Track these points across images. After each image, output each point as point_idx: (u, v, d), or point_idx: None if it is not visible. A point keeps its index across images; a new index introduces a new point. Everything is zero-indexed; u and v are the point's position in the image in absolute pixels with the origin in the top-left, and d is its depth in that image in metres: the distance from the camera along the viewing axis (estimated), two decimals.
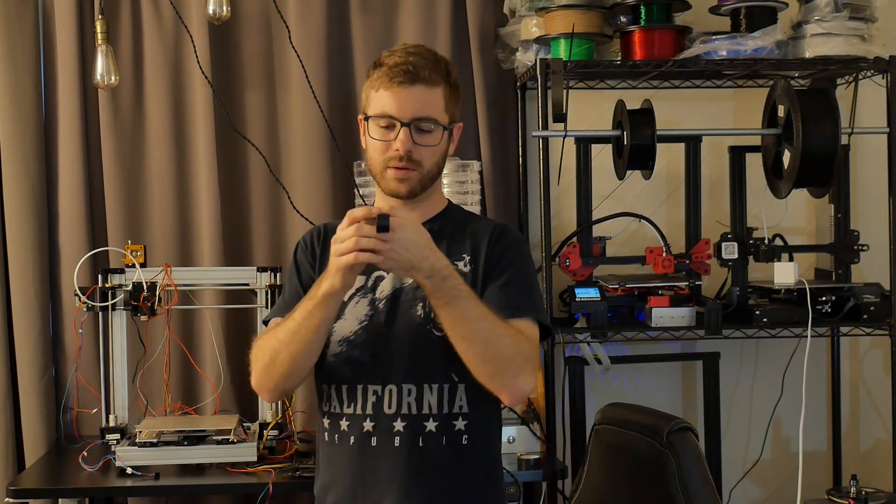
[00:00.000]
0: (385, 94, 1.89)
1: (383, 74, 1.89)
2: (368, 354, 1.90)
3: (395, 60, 1.89)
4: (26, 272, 3.12)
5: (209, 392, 3.13)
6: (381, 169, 1.91)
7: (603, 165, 3.09)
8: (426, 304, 1.88)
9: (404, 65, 1.88)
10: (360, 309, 1.92)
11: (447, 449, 1.89)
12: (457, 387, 1.90)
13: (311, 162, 3.21)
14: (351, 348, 1.91)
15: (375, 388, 1.90)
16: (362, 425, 1.90)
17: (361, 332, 1.91)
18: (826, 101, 2.85)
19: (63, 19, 3.15)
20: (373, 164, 1.93)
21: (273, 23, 3.23)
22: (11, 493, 2.61)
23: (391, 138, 1.89)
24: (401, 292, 1.92)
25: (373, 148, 1.92)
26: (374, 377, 1.90)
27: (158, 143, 3.22)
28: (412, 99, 1.88)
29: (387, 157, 1.90)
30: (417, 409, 1.89)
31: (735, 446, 3.33)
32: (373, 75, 1.92)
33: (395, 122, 1.88)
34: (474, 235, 1.97)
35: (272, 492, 2.58)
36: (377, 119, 1.90)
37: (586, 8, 2.92)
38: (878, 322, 2.93)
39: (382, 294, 1.92)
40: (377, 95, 1.90)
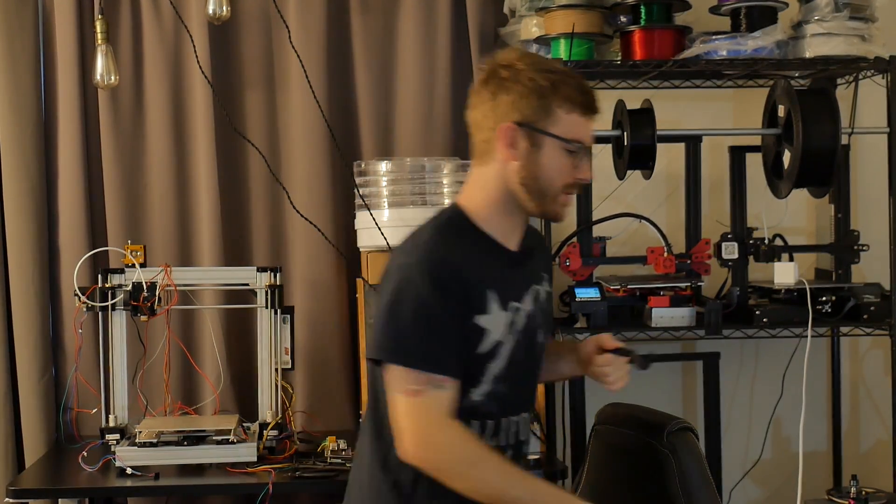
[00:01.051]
0: (580, 120, 1.83)
1: (581, 101, 1.83)
2: (511, 388, 1.88)
3: (587, 88, 1.85)
4: (26, 272, 3.12)
5: (209, 392, 3.13)
6: (557, 191, 1.85)
7: (603, 165, 3.09)
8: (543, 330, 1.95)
9: (593, 94, 1.86)
10: (508, 346, 1.86)
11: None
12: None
13: (311, 162, 3.21)
14: (498, 384, 1.85)
15: (515, 418, 1.90)
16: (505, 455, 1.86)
17: (507, 366, 1.86)
18: (826, 101, 2.85)
19: (63, 19, 3.15)
20: (549, 184, 1.84)
21: (273, 23, 3.23)
22: (11, 493, 2.61)
23: (575, 165, 1.84)
24: (529, 321, 1.90)
25: (555, 169, 1.83)
26: (516, 408, 1.91)
27: (158, 143, 3.22)
28: (592, 129, 1.87)
29: (568, 182, 1.85)
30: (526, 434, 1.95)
31: (735, 446, 3.33)
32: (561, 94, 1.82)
33: (583, 150, 1.85)
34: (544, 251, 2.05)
35: (272, 492, 2.58)
36: (569, 143, 1.83)
37: (586, 8, 2.92)
38: (878, 322, 2.92)
39: (520, 326, 1.89)
40: (569, 119, 1.82)
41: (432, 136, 3.25)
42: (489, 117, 1.84)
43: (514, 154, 1.82)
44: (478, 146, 1.88)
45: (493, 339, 1.82)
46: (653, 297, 2.92)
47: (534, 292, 1.92)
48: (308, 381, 3.21)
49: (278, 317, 2.94)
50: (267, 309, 2.93)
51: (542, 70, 1.82)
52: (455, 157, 3.06)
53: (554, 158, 1.82)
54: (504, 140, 1.82)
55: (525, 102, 1.81)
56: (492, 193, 1.86)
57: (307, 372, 3.20)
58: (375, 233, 2.86)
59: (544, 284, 1.98)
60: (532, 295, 1.92)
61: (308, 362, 3.20)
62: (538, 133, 1.81)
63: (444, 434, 1.75)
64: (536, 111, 1.81)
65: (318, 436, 2.99)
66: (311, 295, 3.21)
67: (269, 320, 2.93)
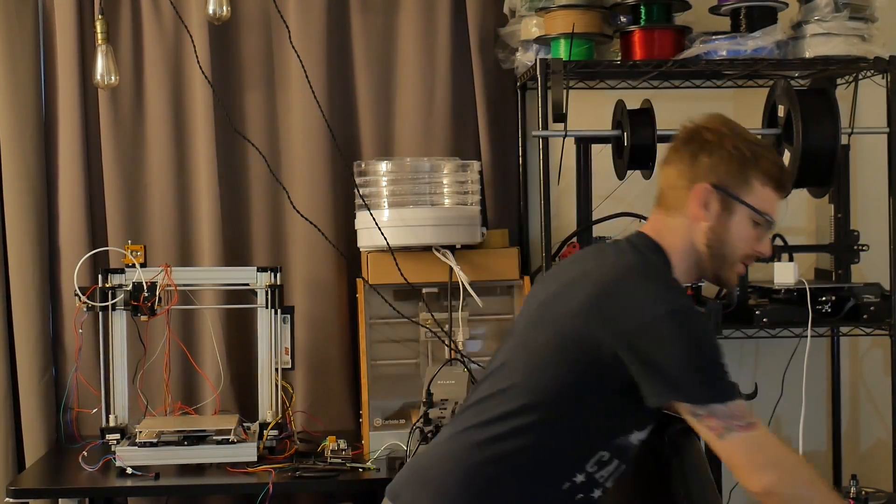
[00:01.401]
0: (773, 196, 1.92)
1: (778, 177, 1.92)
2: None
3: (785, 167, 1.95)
4: (26, 272, 3.12)
5: (209, 392, 3.13)
6: (737, 260, 1.93)
7: (603, 165, 3.09)
8: None
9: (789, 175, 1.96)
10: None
11: None
12: None
13: (311, 162, 3.22)
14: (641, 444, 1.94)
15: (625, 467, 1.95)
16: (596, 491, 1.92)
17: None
18: (826, 101, 2.84)
19: (63, 19, 3.15)
20: (733, 251, 1.92)
21: (273, 23, 3.23)
22: (11, 493, 2.62)
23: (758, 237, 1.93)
24: None
25: (742, 237, 1.91)
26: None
27: (158, 143, 3.22)
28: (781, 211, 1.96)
29: (749, 253, 1.93)
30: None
31: None
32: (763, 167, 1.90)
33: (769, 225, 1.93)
34: None
35: (272, 492, 2.59)
36: (760, 215, 1.91)
37: (586, 8, 2.92)
38: (878, 322, 2.92)
39: None
40: (764, 192, 1.91)
41: (432, 136, 3.25)
42: (686, 175, 1.92)
43: (706, 215, 1.90)
44: (668, 197, 1.97)
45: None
46: None
47: None
48: (308, 381, 3.21)
49: (278, 317, 2.95)
50: (267, 309, 2.93)
51: (746, 140, 1.91)
52: (455, 157, 3.06)
53: (742, 227, 1.90)
54: (698, 199, 1.89)
55: (725, 168, 1.88)
56: (680, 247, 1.93)
57: (307, 372, 3.21)
58: (375, 233, 2.86)
59: None
60: None
61: (308, 362, 3.20)
62: (732, 199, 1.89)
63: (792, 455, 1.83)
64: (734, 178, 1.89)
65: (318, 436, 3.00)
66: (311, 295, 3.21)
67: (269, 320, 2.94)
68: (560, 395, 1.84)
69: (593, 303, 1.83)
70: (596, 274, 1.89)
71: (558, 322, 1.87)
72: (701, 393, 1.77)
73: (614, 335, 1.79)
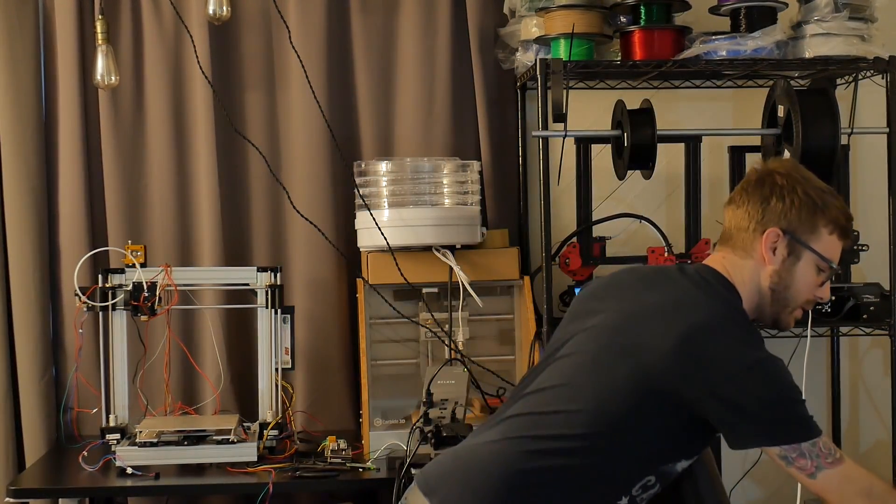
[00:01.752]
0: (838, 243, 1.96)
1: (844, 226, 1.96)
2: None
3: (850, 216, 1.98)
4: (26, 272, 3.12)
5: (209, 392, 3.13)
6: (798, 304, 1.99)
7: (603, 165, 3.09)
8: None
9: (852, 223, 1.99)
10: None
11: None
12: None
13: (311, 162, 3.22)
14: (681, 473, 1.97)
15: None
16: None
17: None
18: (826, 101, 2.85)
19: (63, 19, 3.15)
20: (796, 296, 1.98)
21: (273, 23, 3.23)
22: (11, 493, 2.61)
23: (818, 283, 1.97)
24: None
25: (806, 282, 1.97)
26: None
27: (158, 143, 3.22)
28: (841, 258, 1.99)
29: (809, 298, 1.98)
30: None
31: None
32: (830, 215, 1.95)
33: (831, 272, 1.96)
34: None
35: (272, 492, 2.58)
36: (825, 261, 1.95)
37: (586, 8, 2.92)
38: (877, 322, 2.92)
39: None
40: (830, 239, 1.96)
41: (432, 136, 3.25)
42: (755, 217, 1.97)
43: (773, 259, 1.95)
44: (736, 238, 2.02)
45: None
46: None
47: None
48: (308, 381, 3.21)
49: (278, 317, 2.94)
50: (267, 309, 2.93)
51: (816, 187, 1.96)
52: (455, 158, 3.06)
53: (807, 273, 1.96)
54: (767, 243, 1.95)
55: (795, 214, 1.94)
56: (748, 288, 1.99)
57: (307, 372, 3.21)
58: (375, 233, 2.86)
59: None
60: None
61: (308, 362, 3.20)
62: (800, 245, 1.94)
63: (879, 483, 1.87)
64: (803, 224, 1.94)
65: (318, 436, 3.00)
66: (311, 295, 3.21)
67: (270, 320, 2.94)
68: (627, 426, 1.87)
69: (683, 346, 1.85)
70: (685, 312, 1.90)
71: (640, 357, 1.87)
72: (788, 436, 1.85)
73: (703, 381, 1.84)
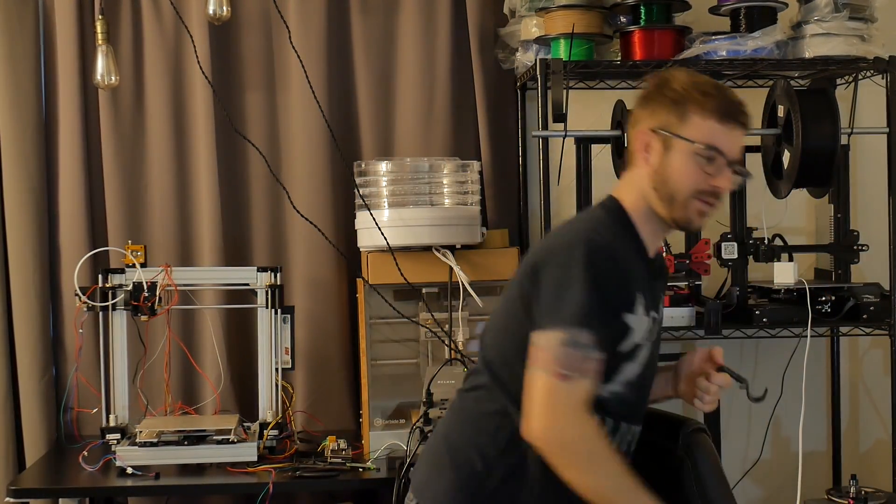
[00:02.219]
0: (718, 126, 1.87)
1: (720, 107, 1.87)
2: (638, 396, 1.94)
3: (732, 98, 1.89)
4: (26, 272, 3.13)
5: (209, 392, 3.13)
6: (686, 197, 1.88)
7: (603, 165, 3.09)
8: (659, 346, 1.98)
9: (741, 106, 1.89)
10: (644, 353, 1.92)
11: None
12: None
13: (311, 162, 3.22)
14: (629, 390, 1.90)
15: (635, 428, 1.95)
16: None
17: (640, 375, 1.92)
18: (826, 101, 2.85)
19: (63, 19, 3.15)
20: (678, 189, 1.88)
21: (273, 23, 3.23)
22: (12, 493, 2.62)
23: (709, 171, 1.87)
24: (657, 334, 1.97)
25: (687, 174, 1.87)
26: (636, 417, 1.95)
27: (158, 143, 3.22)
28: (738, 140, 1.90)
29: (700, 188, 1.87)
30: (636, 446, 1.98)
31: (735, 446, 3.33)
32: (698, 101, 1.87)
33: (719, 157, 1.86)
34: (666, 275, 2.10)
35: (272, 492, 2.59)
36: (704, 149, 1.86)
37: (586, 8, 2.92)
38: (877, 322, 2.92)
39: (654, 337, 1.95)
40: (707, 125, 1.86)
41: (432, 136, 3.25)
42: (634, 126, 1.92)
43: (648, 159, 1.89)
44: (628, 156, 1.98)
45: (634, 341, 1.86)
46: None
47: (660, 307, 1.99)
48: (308, 381, 3.21)
49: (278, 317, 2.95)
50: (267, 309, 2.93)
51: (690, 82, 1.89)
52: (455, 157, 3.06)
53: (684, 162, 1.86)
54: (641, 146, 1.89)
55: (663, 109, 1.88)
56: (636, 196, 1.92)
57: (307, 372, 3.21)
58: (375, 233, 2.86)
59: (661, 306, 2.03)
60: (660, 309, 1.99)
61: (308, 362, 3.20)
62: (671, 136, 1.86)
63: (579, 427, 1.76)
64: (671, 116, 1.87)
65: (318, 436, 3.00)
66: (311, 295, 3.21)
67: (270, 320, 2.94)
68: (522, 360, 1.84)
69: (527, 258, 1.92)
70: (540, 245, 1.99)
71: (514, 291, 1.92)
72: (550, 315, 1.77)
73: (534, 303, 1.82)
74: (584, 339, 1.74)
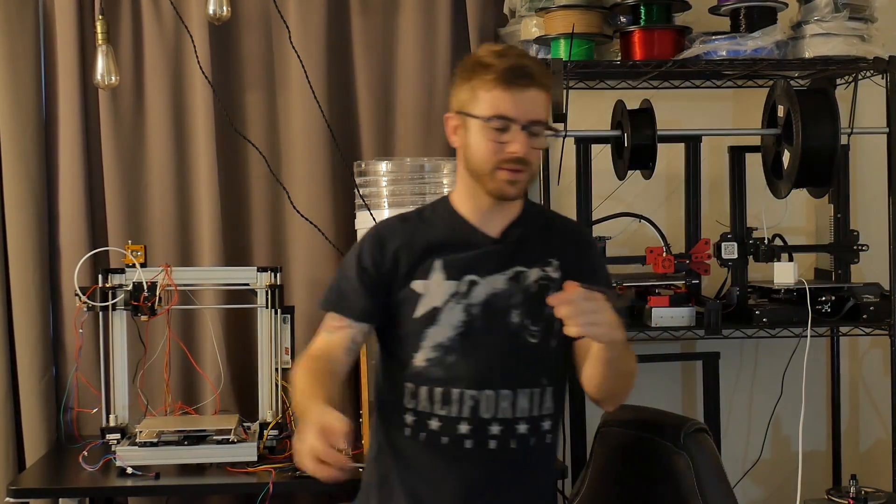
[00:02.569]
0: (501, 95, 1.87)
1: (498, 76, 1.87)
2: (465, 360, 1.93)
3: (510, 63, 1.88)
4: (26, 272, 3.12)
5: (209, 392, 3.13)
6: (490, 169, 1.90)
7: (603, 165, 3.09)
8: (521, 311, 1.93)
9: (521, 68, 1.88)
10: (454, 315, 1.93)
11: (535, 449, 1.96)
12: (546, 390, 1.97)
13: (311, 162, 3.22)
14: (446, 353, 1.93)
15: (472, 393, 1.93)
16: (457, 427, 1.93)
17: (457, 338, 1.94)
18: (826, 101, 2.85)
19: (63, 19, 3.15)
20: (480, 164, 1.91)
21: (273, 23, 3.23)
22: (12, 493, 2.62)
23: (504, 140, 1.88)
24: (495, 298, 1.95)
25: (484, 149, 1.90)
26: (471, 383, 1.93)
27: (158, 143, 3.22)
28: (528, 101, 1.88)
29: (500, 158, 1.89)
30: (511, 413, 1.94)
31: (735, 446, 3.33)
32: (480, 75, 1.89)
33: (510, 123, 1.87)
34: (561, 238, 2.01)
35: (272, 492, 2.59)
36: (492, 120, 1.88)
37: (586, 8, 2.92)
38: (877, 322, 2.93)
39: (477, 299, 1.94)
40: (490, 96, 1.88)
41: (432, 136, 3.25)
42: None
43: (455, 140, 1.97)
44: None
45: (430, 305, 1.93)
46: (653, 296, 2.92)
47: (514, 273, 1.96)
48: None
49: (278, 317, 2.95)
50: (267, 309, 2.94)
51: (476, 57, 1.93)
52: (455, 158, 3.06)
53: (479, 136, 1.90)
54: (449, 128, 1.97)
55: (459, 90, 1.95)
56: (459, 176, 2.01)
57: None
58: None
59: (540, 270, 1.97)
60: (509, 276, 1.96)
61: None
62: (466, 116, 1.91)
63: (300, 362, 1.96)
64: (464, 96, 1.93)
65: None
66: (312, 295, 3.21)
67: (270, 320, 2.94)
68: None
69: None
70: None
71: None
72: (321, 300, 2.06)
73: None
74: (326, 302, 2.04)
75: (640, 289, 3.00)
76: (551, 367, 1.97)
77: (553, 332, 1.94)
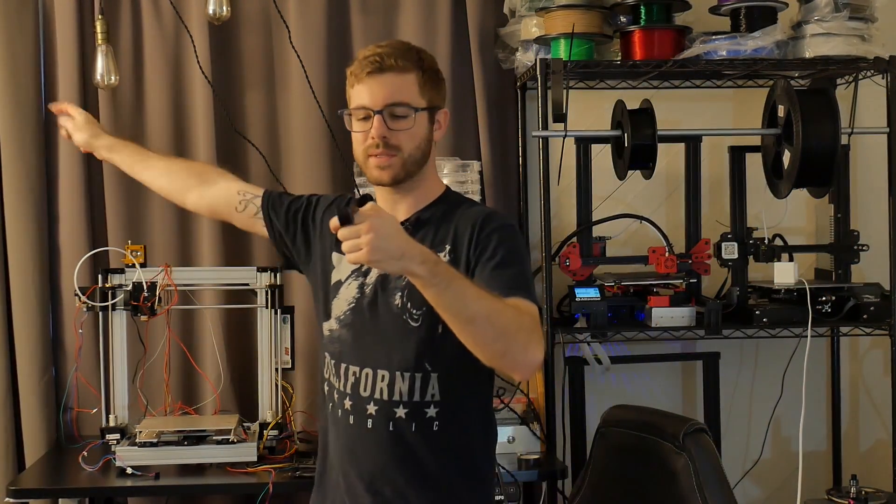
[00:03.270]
0: (359, 87, 1.94)
1: (355, 69, 1.95)
2: (351, 336, 1.99)
3: (363, 55, 1.95)
4: (26, 272, 3.12)
5: (209, 392, 3.13)
6: (363, 159, 1.97)
7: (603, 165, 3.09)
8: (405, 294, 1.93)
9: (372, 56, 1.93)
10: (350, 290, 2.00)
11: (417, 435, 1.93)
12: (430, 376, 1.94)
13: (311, 162, 3.21)
14: (340, 327, 2.01)
15: (354, 369, 1.98)
16: (344, 402, 1.99)
17: (349, 313, 2.00)
18: (826, 101, 2.85)
19: (63, 19, 3.15)
20: (356, 156, 1.99)
21: (273, 23, 3.23)
22: (11, 493, 2.61)
23: (368, 128, 1.93)
24: (387, 279, 1.97)
25: (354, 141, 1.98)
26: (354, 359, 1.98)
27: (158, 143, 3.22)
28: (382, 86, 1.92)
29: (366, 146, 1.95)
30: (389, 395, 1.94)
31: (735, 446, 3.33)
32: (348, 75, 1.98)
33: (369, 111, 1.93)
34: (459, 224, 1.97)
35: (272, 492, 2.58)
36: (354, 112, 1.95)
37: (586, 8, 2.92)
38: (877, 322, 2.93)
39: (371, 279, 1.99)
40: (353, 91, 1.96)
41: None
42: None
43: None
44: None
45: (337, 277, 2.02)
46: (653, 296, 2.92)
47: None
48: (308, 381, 3.21)
49: (278, 317, 2.94)
50: (267, 309, 2.93)
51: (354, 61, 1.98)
52: (455, 157, 3.06)
53: (353, 133, 1.97)
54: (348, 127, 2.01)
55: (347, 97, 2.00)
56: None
57: (307, 372, 3.20)
58: None
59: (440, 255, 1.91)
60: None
61: (308, 362, 3.20)
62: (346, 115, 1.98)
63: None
64: (347, 97, 1.99)
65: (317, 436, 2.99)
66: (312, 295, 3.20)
67: (270, 320, 2.94)
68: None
69: None
70: None
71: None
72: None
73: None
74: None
75: (639, 288, 3.01)
76: (437, 353, 1.92)
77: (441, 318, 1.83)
